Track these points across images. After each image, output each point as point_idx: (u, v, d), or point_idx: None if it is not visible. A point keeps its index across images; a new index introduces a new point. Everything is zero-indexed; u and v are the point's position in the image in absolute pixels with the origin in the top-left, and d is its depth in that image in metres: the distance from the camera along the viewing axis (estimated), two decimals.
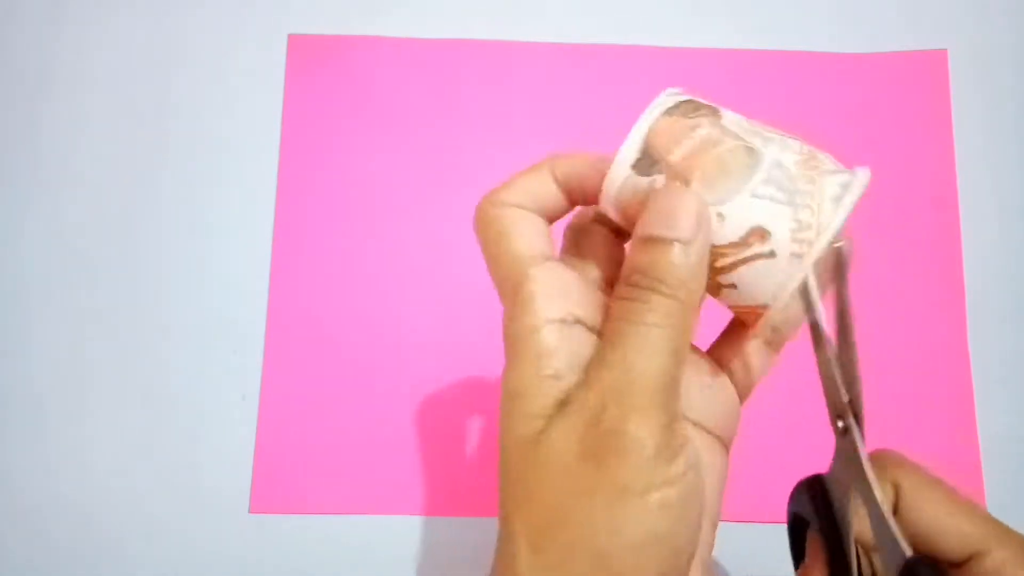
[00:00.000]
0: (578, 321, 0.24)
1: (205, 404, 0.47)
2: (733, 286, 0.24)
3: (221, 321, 0.48)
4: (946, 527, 0.25)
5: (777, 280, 0.24)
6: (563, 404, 0.23)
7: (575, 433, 0.22)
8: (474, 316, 0.48)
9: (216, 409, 0.47)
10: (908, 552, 0.23)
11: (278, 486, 0.46)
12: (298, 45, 0.52)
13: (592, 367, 0.23)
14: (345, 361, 0.48)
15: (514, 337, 0.24)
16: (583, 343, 0.24)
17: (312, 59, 0.52)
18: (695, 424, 0.27)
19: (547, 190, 0.26)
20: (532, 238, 0.25)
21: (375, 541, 0.46)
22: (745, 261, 0.24)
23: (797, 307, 0.25)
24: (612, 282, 0.25)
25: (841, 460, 0.27)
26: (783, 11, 0.53)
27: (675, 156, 0.24)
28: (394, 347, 0.48)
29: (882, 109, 0.51)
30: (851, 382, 0.25)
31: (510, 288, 0.25)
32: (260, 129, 0.51)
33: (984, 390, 0.47)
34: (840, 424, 0.26)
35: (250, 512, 0.46)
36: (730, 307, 0.26)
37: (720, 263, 0.24)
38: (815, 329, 0.25)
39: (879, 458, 0.27)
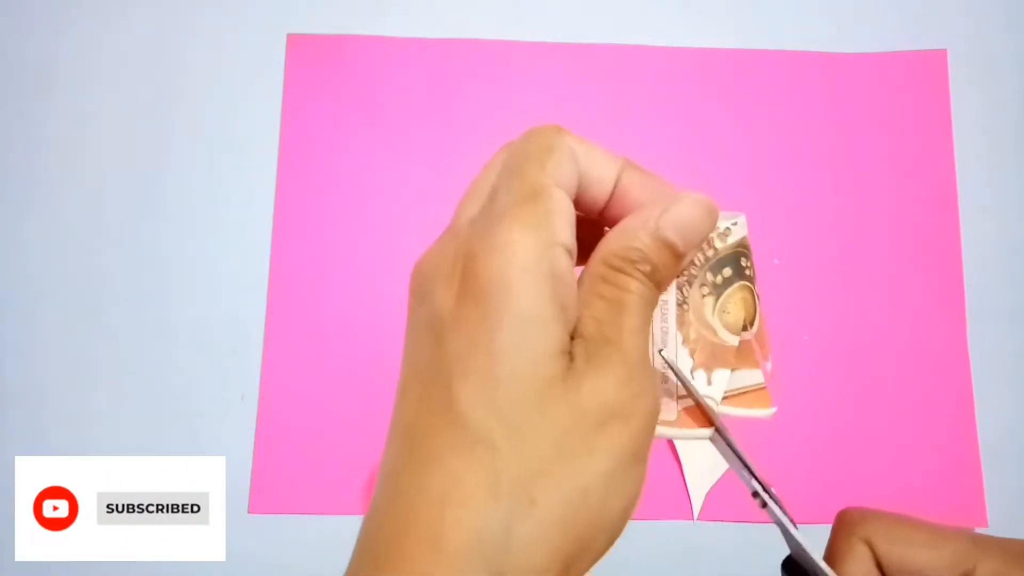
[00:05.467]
0: (570, 254, 0.23)
1: (205, 404, 0.47)
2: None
3: (221, 321, 0.48)
4: (928, 560, 0.25)
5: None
6: (584, 352, 0.22)
7: (606, 390, 0.21)
8: None
9: (216, 409, 0.47)
10: None
11: (277, 486, 0.46)
12: (298, 45, 0.52)
13: (622, 329, 0.22)
14: (344, 361, 0.48)
15: (525, 254, 0.22)
16: (573, 276, 0.23)
17: (312, 59, 0.52)
18: None
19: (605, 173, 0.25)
20: (565, 167, 0.24)
21: None
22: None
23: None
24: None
25: (783, 532, 0.27)
26: (783, 11, 0.53)
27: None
28: (394, 347, 0.48)
29: (882, 109, 0.51)
30: (744, 461, 0.26)
31: (522, 190, 0.23)
32: (260, 129, 0.51)
33: (984, 390, 0.47)
34: (757, 499, 0.26)
35: (250, 512, 0.46)
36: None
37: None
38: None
39: (842, 520, 0.27)
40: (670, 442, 0.46)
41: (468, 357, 0.21)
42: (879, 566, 0.26)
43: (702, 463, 0.46)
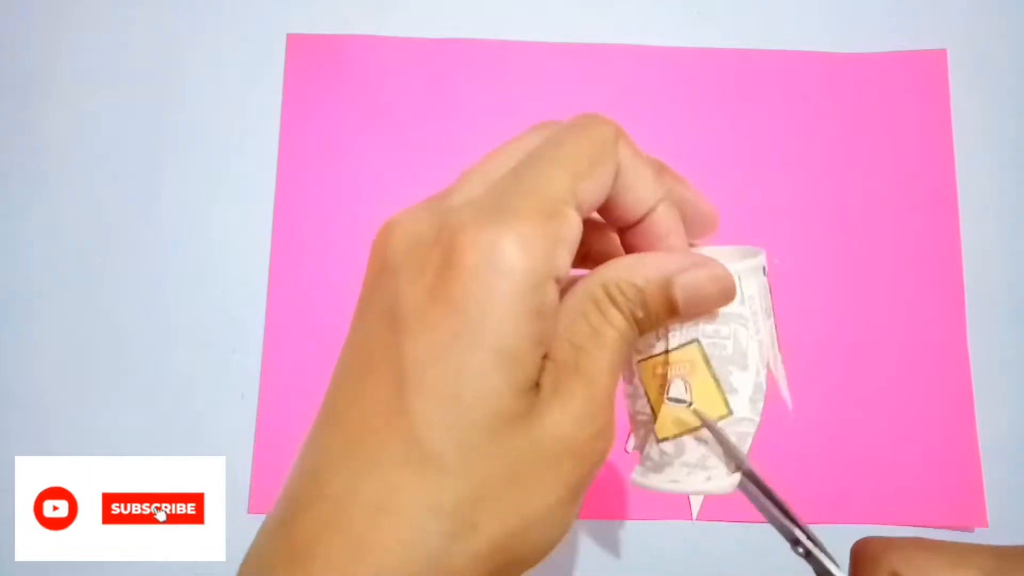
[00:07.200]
0: (561, 281, 0.22)
1: (205, 404, 0.47)
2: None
3: (221, 321, 0.48)
4: None
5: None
6: (553, 380, 0.22)
7: (565, 425, 0.21)
8: None
9: (215, 409, 0.47)
10: None
11: (277, 486, 0.46)
12: (297, 45, 0.52)
13: (596, 363, 0.22)
14: None
15: (519, 281, 0.20)
16: (556, 308, 0.22)
17: (311, 59, 0.52)
18: None
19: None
20: (598, 189, 0.22)
21: None
22: None
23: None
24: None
25: None
26: (783, 11, 0.53)
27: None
28: None
29: (882, 109, 0.51)
30: (785, 511, 0.26)
31: (539, 202, 0.21)
32: (259, 129, 0.51)
33: (984, 390, 0.47)
34: (800, 550, 0.26)
35: (250, 512, 0.46)
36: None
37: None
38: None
39: (864, 553, 0.26)
40: None
41: (430, 370, 0.20)
42: None
43: None
